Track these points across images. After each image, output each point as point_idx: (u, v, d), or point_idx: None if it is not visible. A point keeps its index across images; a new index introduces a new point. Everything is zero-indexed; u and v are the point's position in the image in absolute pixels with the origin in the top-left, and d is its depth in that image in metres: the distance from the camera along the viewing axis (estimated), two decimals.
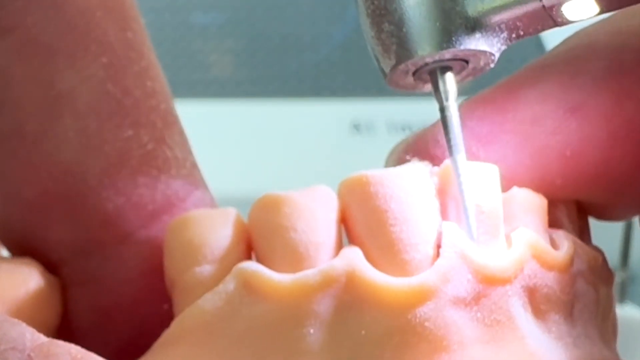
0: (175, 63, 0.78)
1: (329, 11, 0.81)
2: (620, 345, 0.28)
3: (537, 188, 0.27)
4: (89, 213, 0.26)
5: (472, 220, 0.24)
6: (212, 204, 0.28)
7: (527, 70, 0.28)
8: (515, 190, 0.26)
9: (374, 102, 0.77)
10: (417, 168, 0.24)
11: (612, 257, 0.65)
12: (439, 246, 0.24)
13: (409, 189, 0.24)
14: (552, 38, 0.29)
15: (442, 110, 0.26)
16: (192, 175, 0.27)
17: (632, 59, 0.27)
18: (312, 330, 0.23)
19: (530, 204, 0.26)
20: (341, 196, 0.25)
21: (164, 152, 0.26)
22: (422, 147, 0.27)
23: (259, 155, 0.75)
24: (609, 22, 0.27)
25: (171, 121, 0.27)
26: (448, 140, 0.25)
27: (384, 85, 0.27)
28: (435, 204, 0.24)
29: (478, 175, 0.25)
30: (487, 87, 0.28)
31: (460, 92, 0.27)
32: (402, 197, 0.24)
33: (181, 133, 0.27)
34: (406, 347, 0.23)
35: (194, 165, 0.27)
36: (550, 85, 0.27)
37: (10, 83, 0.25)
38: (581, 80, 0.27)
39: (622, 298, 0.66)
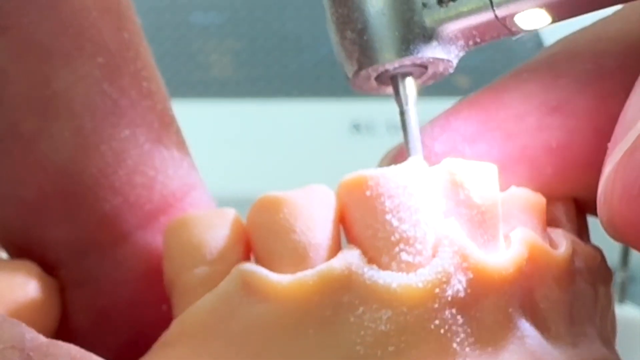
0: (175, 63, 0.78)
1: None
2: (620, 345, 0.28)
3: (528, 178, 0.27)
4: (86, 213, 0.26)
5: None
6: (210, 204, 0.27)
7: (511, 75, 0.28)
8: (513, 189, 0.26)
9: (374, 102, 0.77)
10: (414, 167, 0.24)
11: (612, 257, 0.65)
12: (437, 245, 0.24)
13: (407, 188, 0.24)
14: (552, 37, 0.29)
15: (402, 113, 0.27)
16: (190, 176, 0.27)
17: (613, 64, 0.27)
18: (310, 331, 0.23)
19: (529, 203, 0.26)
20: (340, 196, 0.24)
21: (160, 152, 0.26)
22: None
23: (258, 155, 0.75)
24: (590, 30, 0.28)
25: (168, 121, 0.27)
26: (407, 143, 0.26)
27: None
28: (434, 202, 0.24)
29: (477, 175, 0.25)
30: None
31: (455, 93, 0.27)
32: (400, 196, 0.24)
33: (178, 133, 0.27)
34: (405, 347, 0.23)
35: (192, 166, 0.27)
36: (533, 86, 0.28)
37: (6, 83, 0.25)
38: (564, 81, 0.27)
39: (622, 298, 0.66)
